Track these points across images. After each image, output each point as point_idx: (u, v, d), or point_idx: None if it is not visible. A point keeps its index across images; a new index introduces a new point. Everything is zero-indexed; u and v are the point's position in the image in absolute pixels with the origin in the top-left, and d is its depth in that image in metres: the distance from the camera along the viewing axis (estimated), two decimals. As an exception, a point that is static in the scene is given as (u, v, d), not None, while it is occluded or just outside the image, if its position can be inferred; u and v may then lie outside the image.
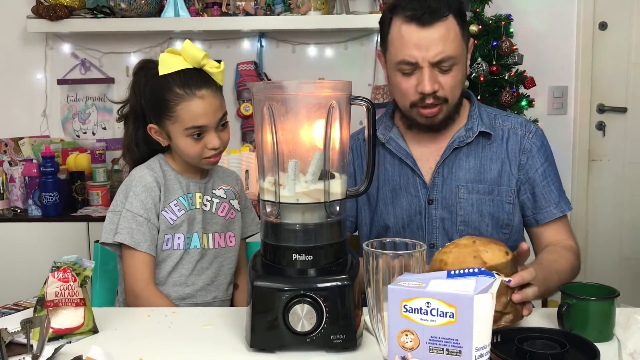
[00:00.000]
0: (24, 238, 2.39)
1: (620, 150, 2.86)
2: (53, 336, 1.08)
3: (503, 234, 1.43)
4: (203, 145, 1.39)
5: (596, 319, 1.07)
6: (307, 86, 1.07)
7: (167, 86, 1.36)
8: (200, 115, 1.36)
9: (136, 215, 1.38)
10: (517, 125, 1.45)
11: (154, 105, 1.39)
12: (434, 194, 1.43)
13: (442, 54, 1.31)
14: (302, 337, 1.01)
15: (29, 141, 2.71)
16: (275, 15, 2.61)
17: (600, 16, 2.77)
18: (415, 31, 1.31)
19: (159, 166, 1.44)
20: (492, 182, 1.41)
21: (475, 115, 1.44)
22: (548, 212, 1.42)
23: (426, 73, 1.32)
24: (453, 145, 1.42)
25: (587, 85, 2.79)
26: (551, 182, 1.43)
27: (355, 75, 2.72)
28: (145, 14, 2.56)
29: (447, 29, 1.31)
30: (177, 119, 1.37)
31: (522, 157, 1.42)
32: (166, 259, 1.42)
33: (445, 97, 1.36)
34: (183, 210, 1.42)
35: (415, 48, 1.31)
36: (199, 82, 1.36)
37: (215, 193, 1.49)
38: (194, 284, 1.44)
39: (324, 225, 1.05)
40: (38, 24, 2.59)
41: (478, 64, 2.37)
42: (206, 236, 1.45)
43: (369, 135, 1.08)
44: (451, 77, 1.34)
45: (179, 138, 1.39)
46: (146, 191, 1.39)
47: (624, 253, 2.90)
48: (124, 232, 1.37)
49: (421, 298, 0.74)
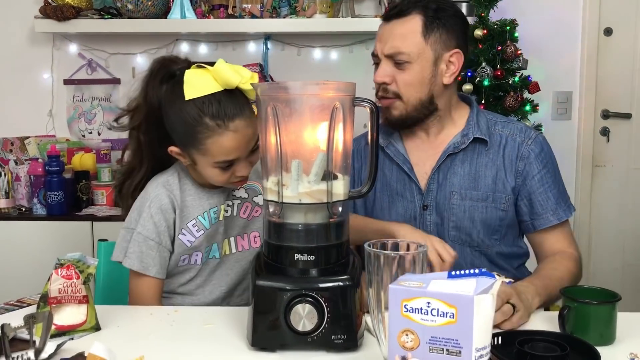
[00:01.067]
0: (29, 236, 2.41)
1: (624, 156, 2.85)
2: (56, 333, 1.08)
3: (493, 239, 1.44)
4: (231, 174, 1.26)
5: (597, 323, 1.07)
6: (311, 87, 1.07)
7: (196, 115, 1.20)
8: (232, 150, 1.22)
9: (147, 239, 1.29)
10: (516, 131, 1.45)
11: (179, 131, 1.25)
12: (428, 200, 1.45)
13: (393, 48, 1.38)
14: (303, 336, 1.01)
15: (35, 140, 2.73)
16: (281, 18, 2.63)
17: (605, 22, 2.77)
18: (381, 26, 1.43)
19: (177, 180, 1.33)
20: (486, 189, 1.42)
21: (473, 121, 1.45)
22: (545, 219, 1.43)
23: (381, 64, 1.41)
24: (448, 151, 1.44)
25: (591, 91, 2.79)
26: (548, 189, 1.43)
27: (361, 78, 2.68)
28: (152, 15, 2.58)
29: (406, 27, 1.39)
30: (207, 152, 1.22)
31: (520, 164, 1.43)
32: (183, 273, 1.37)
33: (397, 92, 1.40)
34: (202, 230, 1.33)
35: (378, 40, 1.43)
36: (232, 111, 1.20)
37: (235, 195, 1.38)
38: (211, 293, 1.38)
39: (327, 225, 1.05)
40: (45, 24, 2.60)
41: (482, 68, 2.38)
42: (227, 241, 1.38)
43: (372, 136, 1.09)
44: (405, 74, 1.39)
45: (206, 167, 1.26)
46: (160, 213, 1.30)
47: (627, 259, 2.89)
48: (133, 257, 1.30)
49: (422, 298, 0.75)
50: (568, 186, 1.54)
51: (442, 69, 1.40)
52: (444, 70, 1.40)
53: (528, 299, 1.19)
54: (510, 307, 1.12)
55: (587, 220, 2.86)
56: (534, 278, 1.32)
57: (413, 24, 1.38)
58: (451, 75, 1.41)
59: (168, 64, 1.29)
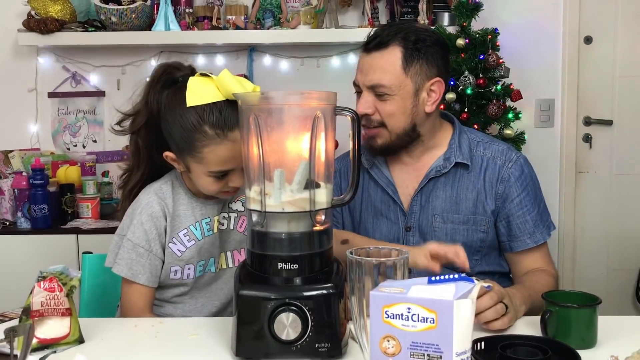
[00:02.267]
0: (13, 251, 2.38)
1: (606, 162, 2.89)
2: (39, 346, 1.07)
3: (474, 260, 1.46)
4: (224, 183, 1.26)
5: (578, 326, 1.08)
6: (292, 97, 1.08)
7: (195, 122, 1.20)
8: (228, 160, 1.22)
9: (137, 246, 1.29)
10: (497, 154, 1.47)
11: (176, 137, 1.24)
12: (411, 222, 1.47)
13: (373, 81, 1.39)
14: (288, 345, 1.01)
15: (19, 154, 2.71)
16: (265, 29, 2.64)
17: (585, 30, 2.81)
18: (362, 57, 1.43)
19: (170, 189, 1.33)
20: (467, 212, 1.44)
21: (455, 144, 1.46)
22: (522, 242, 1.45)
23: (363, 96, 1.41)
24: (430, 175, 1.45)
25: (573, 98, 2.83)
26: (527, 213, 1.44)
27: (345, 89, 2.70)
28: (136, 28, 2.58)
29: (385, 59, 1.39)
30: (203, 160, 1.22)
31: (500, 187, 1.44)
32: (177, 286, 1.35)
33: (381, 121, 1.42)
34: (193, 240, 1.32)
35: (359, 72, 1.43)
36: (232, 122, 1.19)
37: (232, 207, 1.37)
38: (203, 306, 1.37)
39: (310, 234, 1.06)
40: (29, 38, 2.60)
41: (465, 77, 2.40)
42: (224, 255, 1.37)
43: (354, 145, 1.10)
44: (387, 105, 1.40)
45: (200, 176, 1.25)
46: (151, 221, 1.29)
47: (611, 264, 2.92)
48: (122, 264, 1.29)
49: (402, 304, 0.75)
50: (551, 193, 1.57)
51: (424, 98, 1.41)
52: (425, 99, 1.41)
53: (517, 304, 1.20)
54: (503, 306, 1.13)
55: (571, 226, 2.89)
56: (520, 287, 1.34)
57: (393, 56, 1.38)
58: (433, 104, 1.42)
59: (171, 71, 1.29)
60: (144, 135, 1.31)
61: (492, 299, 1.12)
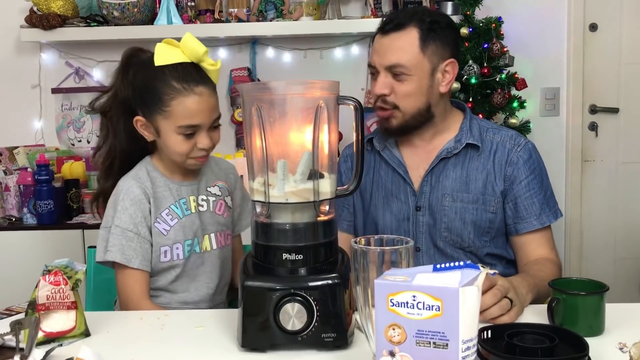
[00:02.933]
0: (20, 246, 2.39)
1: (613, 151, 2.87)
2: (45, 339, 1.08)
3: (483, 241, 1.48)
4: (193, 145, 1.33)
5: (586, 314, 1.07)
6: (295, 87, 1.07)
7: (163, 78, 1.29)
8: (196, 113, 1.30)
9: (125, 231, 1.32)
10: (506, 138, 1.50)
11: (145, 96, 1.32)
12: (421, 201, 1.49)
13: (391, 61, 1.41)
14: (293, 336, 1.01)
15: (24, 150, 2.72)
16: (267, 21, 2.63)
17: (590, 17, 2.79)
18: (378, 39, 1.46)
19: (146, 174, 1.38)
20: (477, 191, 1.46)
21: (466, 127, 1.50)
22: (528, 223, 1.46)
23: (380, 77, 1.43)
24: (441, 155, 1.48)
25: (578, 86, 2.81)
26: (534, 195, 1.46)
27: (349, 80, 2.73)
28: (139, 22, 2.58)
29: (403, 39, 1.41)
30: (171, 114, 1.30)
31: (508, 169, 1.46)
32: (168, 269, 1.38)
33: (395, 103, 1.43)
34: (176, 219, 1.37)
35: (376, 53, 1.45)
36: (197, 78, 1.30)
37: (210, 191, 1.44)
38: (197, 290, 1.40)
39: (314, 224, 1.06)
40: (31, 34, 2.60)
41: (469, 66, 2.39)
42: (208, 237, 1.41)
43: (357, 135, 1.09)
44: (404, 85, 1.42)
45: (169, 135, 1.32)
46: (134, 204, 1.33)
47: (618, 253, 2.91)
48: (114, 250, 1.32)
49: (407, 292, 0.75)
50: (558, 182, 1.57)
51: (439, 79, 1.45)
52: (440, 79, 1.45)
53: (523, 294, 1.20)
54: (508, 302, 1.13)
55: (578, 215, 2.88)
56: (525, 275, 1.34)
57: (410, 37, 1.41)
58: (447, 84, 1.46)
59: (137, 53, 1.39)
60: (113, 114, 1.39)
61: (495, 295, 1.11)
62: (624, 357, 0.98)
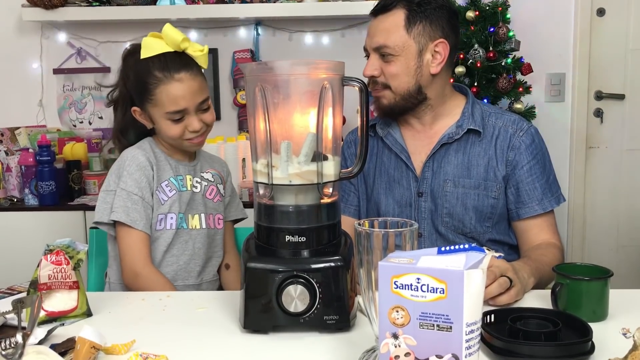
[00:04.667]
0: (21, 227, 2.39)
1: (618, 138, 2.85)
2: (47, 319, 1.08)
3: (485, 226, 1.47)
4: (184, 128, 1.40)
5: (590, 299, 1.07)
6: (299, 67, 1.06)
7: (147, 69, 1.38)
8: (178, 98, 1.37)
9: (131, 194, 1.38)
10: (509, 123, 1.49)
11: (136, 88, 1.42)
12: (423, 187, 1.49)
13: (378, 42, 1.43)
14: (296, 317, 1.01)
15: (26, 131, 2.71)
16: (271, 2, 2.60)
17: (598, 2, 2.76)
18: (370, 22, 1.48)
19: (149, 147, 1.46)
20: (479, 177, 1.46)
21: (468, 112, 1.49)
22: (530, 208, 1.46)
23: (370, 58, 1.46)
24: (442, 141, 1.48)
25: (584, 72, 2.78)
26: (536, 180, 1.46)
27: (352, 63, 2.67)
28: (141, 2, 2.56)
29: (389, 20, 1.43)
30: (157, 102, 1.39)
31: (510, 154, 1.46)
32: (159, 238, 1.43)
33: (386, 83, 1.45)
34: (174, 190, 1.44)
35: (367, 36, 1.47)
36: (178, 65, 1.38)
37: (203, 176, 1.52)
38: (185, 263, 1.46)
39: (317, 206, 1.05)
40: (33, 13, 2.58)
41: (475, 50, 2.36)
42: (198, 217, 1.48)
43: (362, 116, 1.08)
44: (391, 66, 1.43)
45: (160, 121, 1.41)
46: (140, 170, 1.40)
47: (621, 240, 2.90)
48: (119, 211, 1.37)
49: (411, 274, 0.74)
50: (562, 168, 1.56)
51: (428, 59, 1.44)
52: (429, 60, 1.44)
53: (524, 277, 1.20)
54: (507, 280, 1.13)
55: (581, 201, 2.87)
56: (527, 259, 1.33)
57: (396, 18, 1.42)
58: (438, 65, 1.44)
59: (134, 50, 1.46)
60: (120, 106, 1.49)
61: (490, 276, 1.11)
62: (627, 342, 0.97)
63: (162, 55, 1.39)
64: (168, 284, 1.37)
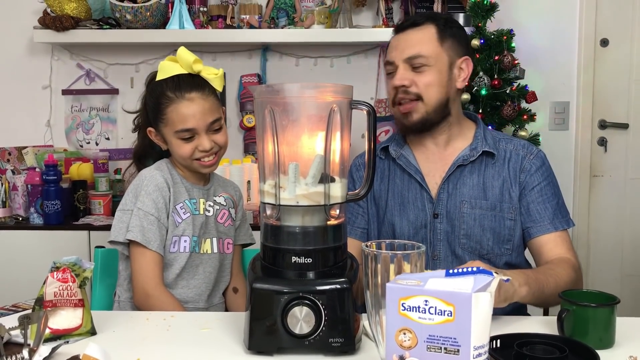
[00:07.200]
0: (26, 246, 2.39)
1: (621, 166, 2.85)
2: (51, 337, 1.07)
3: (505, 249, 1.47)
4: (194, 147, 1.42)
5: (596, 326, 1.06)
6: (308, 90, 1.08)
7: (160, 90, 1.42)
8: (188, 118, 1.40)
9: (147, 214, 1.40)
10: (519, 147, 1.52)
11: (151, 109, 1.46)
12: (439, 208, 1.49)
13: (411, 53, 1.46)
14: (301, 340, 1.00)
15: (33, 150, 2.72)
16: (279, 28, 2.64)
17: (601, 33, 2.79)
18: (395, 37, 1.52)
19: (166, 168, 1.48)
20: (495, 198, 1.47)
21: (480, 136, 1.52)
22: (542, 227, 1.46)
23: (399, 69, 1.47)
24: (457, 163, 1.49)
25: (588, 101, 2.80)
26: (547, 200, 1.47)
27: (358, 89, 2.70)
28: (151, 26, 2.59)
29: (422, 33, 1.48)
30: (168, 121, 1.42)
31: (522, 176, 1.48)
32: (173, 261, 1.44)
33: (418, 93, 1.46)
34: (188, 213, 1.45)
35: (393, 49, 1.50)
36: (189, 86, 1.41)
37: (216, 200, 1.53)
38: (196, 287, 1.46)
39: (324, 228, 1.05)
40: (44, 35, 2.61)
41: (480, 77, 2.38)
42: (210, 241, 1.49)
43: (369, 140, 1.09)
44: (424, 76, 1.46)
45: (172, 140, 1.43)
46: (158, 190, 1.42)
47: (625, 269, 2.88)
48: (135, 230, 1.39)
49: (419, 296, 0.74)
50: (566, 196, 1.56)
51: (456, 74, 1.50)
52: (457, 75, 1.50)
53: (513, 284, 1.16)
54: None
55: (586, 230, 2.86)
56: (527, 270, 1.35)
57: (428, 31, 1.48)
58: (463, 80, 1.51)
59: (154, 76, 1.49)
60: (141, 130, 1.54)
61: None
62: (634, 371, 0.97)
63: (176, 76, 1.42)
64: (179, 306, 1.36)
